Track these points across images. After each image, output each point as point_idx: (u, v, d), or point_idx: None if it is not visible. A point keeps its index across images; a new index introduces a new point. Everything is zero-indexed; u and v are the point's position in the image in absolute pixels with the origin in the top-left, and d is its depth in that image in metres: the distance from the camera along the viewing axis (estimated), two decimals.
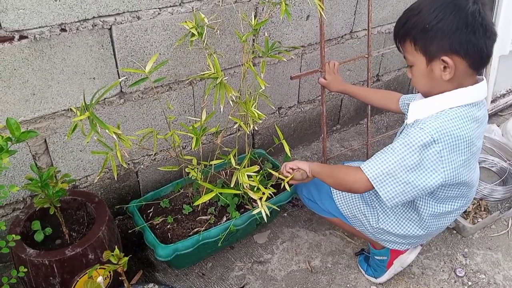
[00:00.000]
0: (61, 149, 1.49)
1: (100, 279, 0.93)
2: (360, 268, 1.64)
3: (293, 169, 1.46)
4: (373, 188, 1.19)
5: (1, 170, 0.83)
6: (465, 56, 1.08)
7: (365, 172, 1.18)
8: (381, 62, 2.38)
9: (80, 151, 1.53)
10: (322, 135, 1.87)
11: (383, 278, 1.56)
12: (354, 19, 2.05)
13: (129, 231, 1.63)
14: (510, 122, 2.29)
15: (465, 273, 1.64)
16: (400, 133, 1.33)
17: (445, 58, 1.09)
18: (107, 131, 1.13)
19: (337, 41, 2.07)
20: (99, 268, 1.19)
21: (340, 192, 1.49)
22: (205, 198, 1.25)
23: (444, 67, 1.11)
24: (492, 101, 2.55)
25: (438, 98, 1.16)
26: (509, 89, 2.69)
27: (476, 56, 1.09)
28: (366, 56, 1.89)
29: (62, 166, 1.52)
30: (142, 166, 1.73)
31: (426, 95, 1.21)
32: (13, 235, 1.02)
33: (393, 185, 1.16)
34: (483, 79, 1.17)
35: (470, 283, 1.61)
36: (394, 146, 1.16)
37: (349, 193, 1.46)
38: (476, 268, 1.66)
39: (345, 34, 2.08)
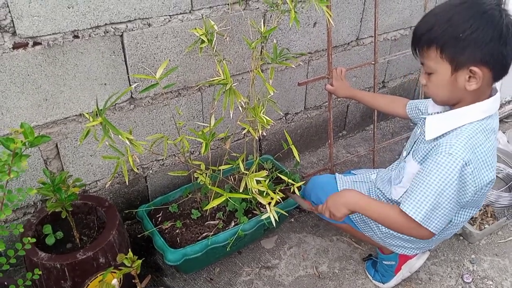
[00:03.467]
0: (72, 154, 1.51)
1: (114, 281, 0.95)
2: (367, 273, 1.65)
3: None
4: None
5: (20, 173, 0.85)
6: (493, 68, 1.07)
7: (412, 216, 1.14)
8: (387, 69, 2.39)
9: (91, 156, 1.55)
10: (329, 141, 1.88)
11: (390, 283, 1.56)
12: (361, 26, 2.07)
13: (138, 236, 1.65)
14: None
15: (473, 279, 1.64)
16: (414, 143, 1.32)
17: (475, 69, 1.06)
18: (119, 136, 1.15)
19: (344, 48, 2.09)
20: (112, 272, 1.20)
21: None
22: (215, 203, 1.26)
23: (469, 77, 1.09)
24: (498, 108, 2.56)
25: (458, 113, 1.15)
26: None
27: (502, 68, 1.09)
28: (373, 62, 1.90)
29: (73, 170, 1.54)
30: (151, 171, 1.74)
31: (441, 103, 1.21)
32: (29, 238, 1.04)
33: (439, 217, 1.14)
34: (497, 91, 1.17)
35: None
36: (430, 181, 1.12)
37: None
38: (483, 274, 1.66)
39: (351, 41, 2.10)
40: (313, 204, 1.57)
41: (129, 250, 1.41)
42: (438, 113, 1.26)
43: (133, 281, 1.02)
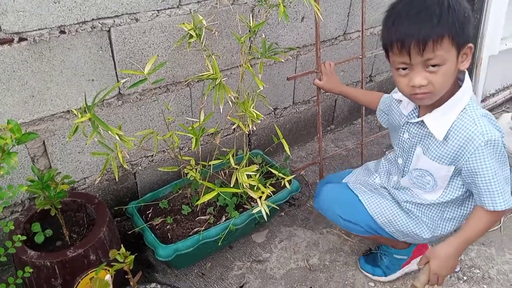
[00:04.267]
0: (60, 151, 1.49)
1: (108, 277, 0.94)
2: (364, 272, 1.62)
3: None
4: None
5: (11, 170, 0.83)
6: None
7: (507, 208, 1.18)
8: (374, 63, 2.41)
9: (79, 153, 1.54)
10: (318, 135, 1.90)
11: (394, 276, 1.59)
12: (348, 20, 2.08)
13: (128, 233, 1.64)
14: (500, 121, 2.33)
15: (460, 268, 1.67)
16: (413, 137, 1.29)
17: (470, 45, 1.09)
18: (108, 132, 1.14)
19: (331, 42, 2.10)
20: (104, 269, 1.19)
21: (382, 214, 1.41)
22: (207, 197, 1.26)
23: (462, 56, 1.11)
24: (482, 101, 2.60)
25: (452, 102, 1.16)
26: (498, 89, 2.74)
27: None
28: (360, 57, 1.92)
29: (61, 168, 1.52)
30: (140, 168, 1.73)
31: (439, 97, 1.17)
32: (19, 236, 1.03)
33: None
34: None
35: (465, 277, 1.64)
36: (495, 172, 1.14)
37: (392, 213, 1.40)
38: (470, 263, 1.70)
39: (339, 36, 2.11)
40: (341, 220, 1.47)
41: (120, 246, 1.41)
42: (414, 110, 1.28)
43: (126, 276, 1.01)
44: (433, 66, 1.08)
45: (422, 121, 1.23)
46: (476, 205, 1.23)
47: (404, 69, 1.12)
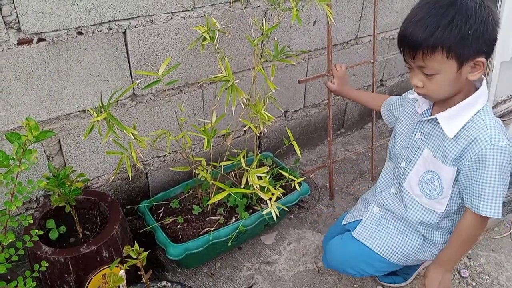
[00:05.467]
0: (74, 150, 1.52)
1: (122, 272, 0.96)
2: (387, 285, 1.61)
3: None
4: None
5: (31, 165, 0.86)
6: (488, 53, 1.12)
7: (493, 217, 1.17)
8: (385, 68, 2.42)
9: (93, 152, 1.56)
10: (328, 138, 1.90)
11: (411, 279, 1.61)
12: (359, 25, 2.10)
13: (139, 231, 1.66)
14: (511, 127, 2.32)
15: (469, 274, 1.67)
16: (426, 138, 1.28)
17: (480, 59, 1.10)
18: (124, 131, 1.17)
19: (343, 46, 2.11)
20: (116, 266, 1.21)
21: (396, 252, 1.39)
22: (218, 197, 1.28)
23: (472, 68, 1.12)
24: (494, 107, 2.59)
25: (468, 104, 1.17)
26: (510, 95, 2.73)
27: (493, 50, 1.13)
28: (372, 61, 1.93)
29: (75, 166, 1.55)
30: (152, 168, 1.76)
31: (440, 100, 1.21)
32: (36, 230, 1.05)
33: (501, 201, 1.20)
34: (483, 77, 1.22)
35: (474, 283, 1.63)
36: (491, 177, 1.14)
37: (405, 249, 1.39)
38: (480, 269, 1.69)
39: (351, 40, 2.12)
40: (356, 274, 1.45)
41: (132, 244, 1.43)
42: (428, 110, 1.29)
43: (138, 273, 1.03)
44: (427, 74, 1.13)
45: (435, 118, 1.24)
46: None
47: (409, 67, 1.19)
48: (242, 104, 1.40)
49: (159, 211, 1.64)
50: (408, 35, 1.11)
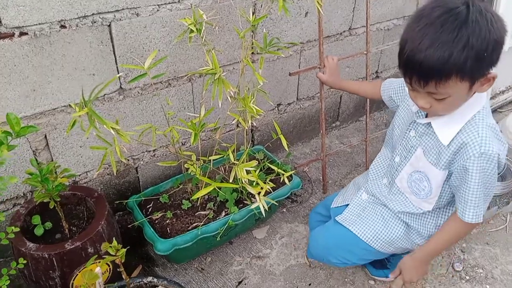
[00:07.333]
0: (61, 145, 1.50)
1: (98, 269, 0.95)
2: (379, 279, 1.60)
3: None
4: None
5: (1, 163, 0.84)
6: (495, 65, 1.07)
7: (475, 222, 1.20)
8: (380, 59, 2.38)
9: (80, 147, 1.55)
10: (321, 131, 1.88)
11: None
12: (353, 16, 2.06)
13: (129, 226, 1.65)
14: (509, 118, 2.29)
15: (463, 267, 1.65)
16: (419, 137, 1.26)
17: (492, 74, 1.05)
18: (105, 126, 1.15)
19: (336, 38, 2.07)
20: (98, 262, 1.20)
21: (378, 238, 1.39)
22: (203, 192, 1.26)
23: (481, 82, 1.06)
24: (492, 98, 2.56)
25: (464, 109, 1.14)
26: (509, 86, 2.69)
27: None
28: (365, 52, 1.89)
29: (62, 161, 1.53)
30: (141, 162, 1.74)
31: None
32: (13, 227, 1.04)
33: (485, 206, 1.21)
34: None
35: (468, 277, 1.62)
36: (476, 185, 1.14)
37: (389, 234, 1.39)
38: (474, 263, 1.67)
39: (344, 31, 2.09)
40: (340, 264, 1.46)
41: (119, 240, 1.42)
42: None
43: (118, 269, 1.02)
44: (437, 98, 1.07)
45: (429, 123, 1.21)
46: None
47: (414, 90, 1.11)
48: (229, 98, 1.38)
49: (148, 206, 1.63)
50: (418, 64, 1.01)
